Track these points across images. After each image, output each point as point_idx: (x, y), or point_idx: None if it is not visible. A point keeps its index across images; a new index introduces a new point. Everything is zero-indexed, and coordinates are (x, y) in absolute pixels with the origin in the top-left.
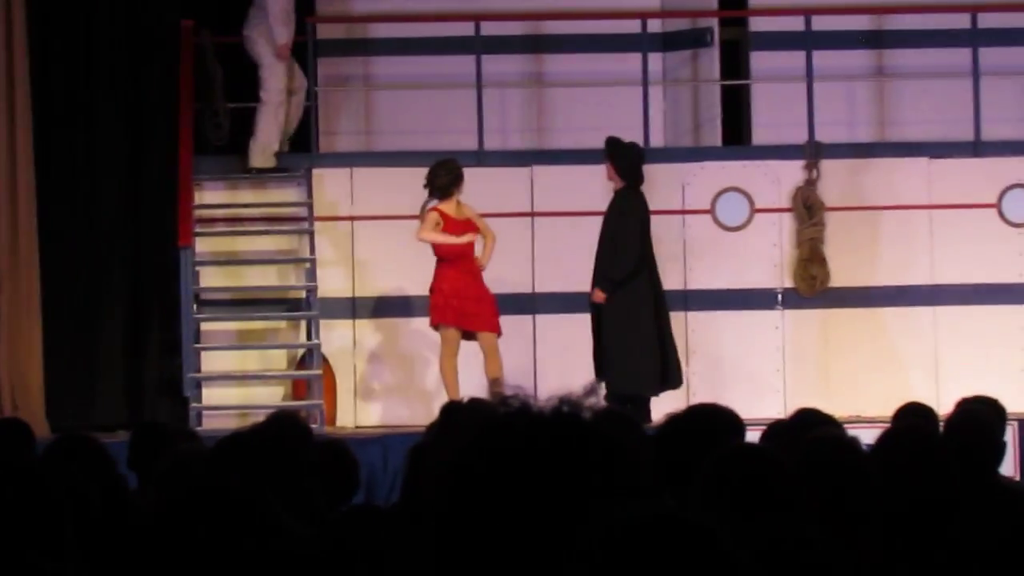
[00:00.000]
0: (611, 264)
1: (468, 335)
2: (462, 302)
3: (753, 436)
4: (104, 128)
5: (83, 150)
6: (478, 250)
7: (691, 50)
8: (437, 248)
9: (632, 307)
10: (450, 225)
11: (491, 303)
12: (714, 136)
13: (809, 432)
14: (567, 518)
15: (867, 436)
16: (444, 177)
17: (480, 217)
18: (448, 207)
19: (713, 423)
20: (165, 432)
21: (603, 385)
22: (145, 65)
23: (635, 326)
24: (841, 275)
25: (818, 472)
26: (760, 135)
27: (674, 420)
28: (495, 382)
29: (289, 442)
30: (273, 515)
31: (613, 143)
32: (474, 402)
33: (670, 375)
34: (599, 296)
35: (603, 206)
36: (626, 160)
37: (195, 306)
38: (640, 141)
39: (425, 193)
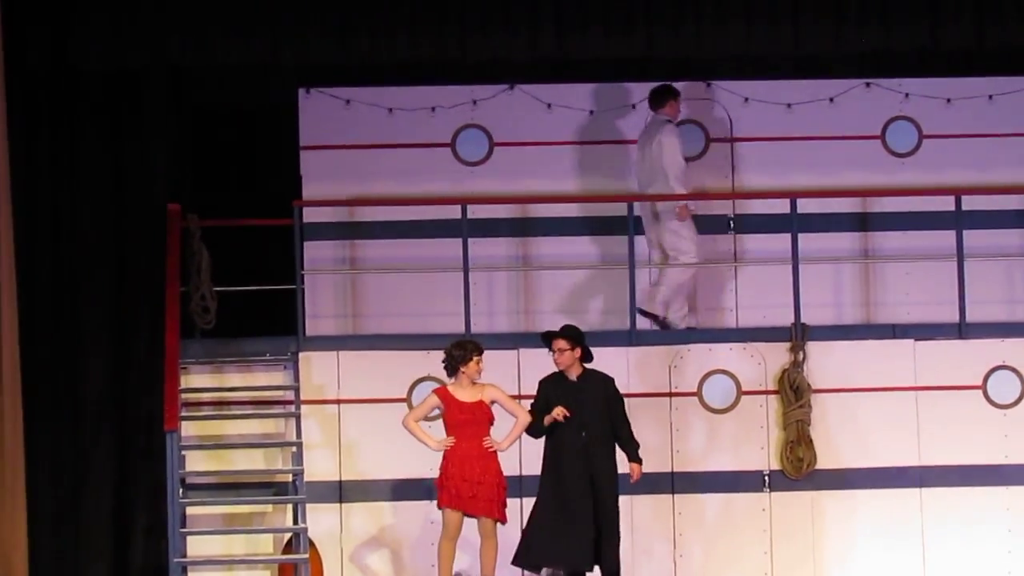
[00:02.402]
0: (633, 439)
1: (474, 517)
2: (458, 484)
3: None
4: (89, 310)
5: (68, 333)
6: (502, 432)
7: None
8: (444, 426)
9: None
10: (452, 408)
11: (493, 487)
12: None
13: None
14: None
15: None
16: (452, 356)
17: (509, 398)
18: (456, 388)
19: None
20: None
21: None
22: (131, 249)
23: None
24: (828, 457)
25: None
26: (746, 317)
27: None
28: (484, 570)
29: None
30: None
31: (575, 328)
32: None
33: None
34: (639, 471)
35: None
36: (584, 340)
37: (181, 490)
38: (627, 323)
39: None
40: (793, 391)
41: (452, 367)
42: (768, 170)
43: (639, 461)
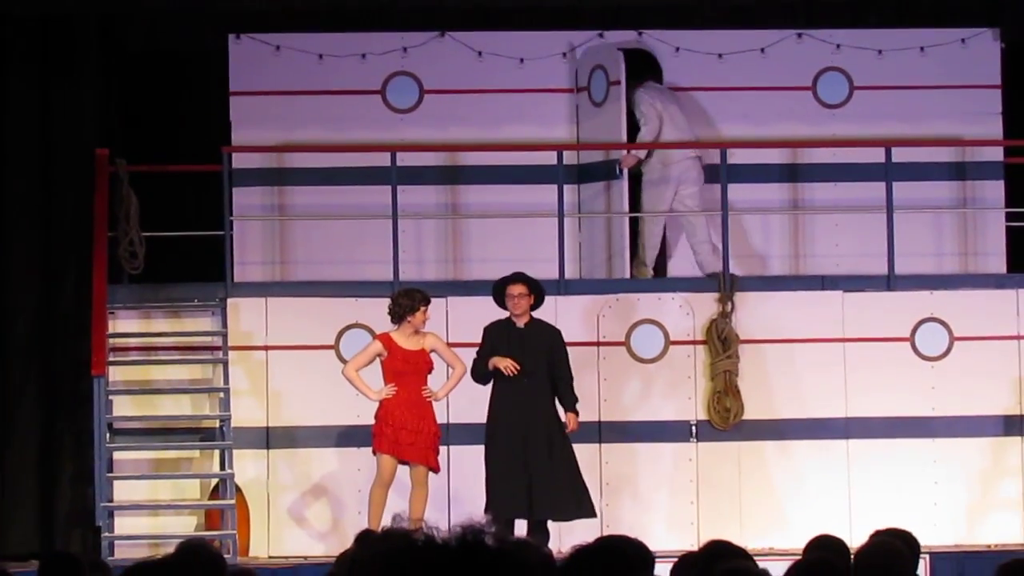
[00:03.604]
0: (572, 391)
1: (407, 464)
2: (396, 431)
3: (665, 568)
4: (17, 255)
5: None
6: (437, 383)
7: (604, 182)
8: (383, 372)
9: (565, 431)
10: (395, 355)
11: (430, 435)
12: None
13: (719, 564)
14: None
15: (779, 569)
16: (399, 304)
17: (448, 348)
18: (400, 335)
19: (621, 555)
20: (76, 563)
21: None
22: (59, 192)
23: (570, 452)
24: (755, 407)
25: None
26: (675, 267)
27: (582, 551)
28: (413, 516)
29: (201, 572)
30: None
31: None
32: (388, 531)
33: (588, 502)
34: (576, 422)
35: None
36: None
37: (108, 435)
38: (555, 273)
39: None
40: (721, 342)
41: (398, 315)
42: (698, 120)
43: (576, 412)
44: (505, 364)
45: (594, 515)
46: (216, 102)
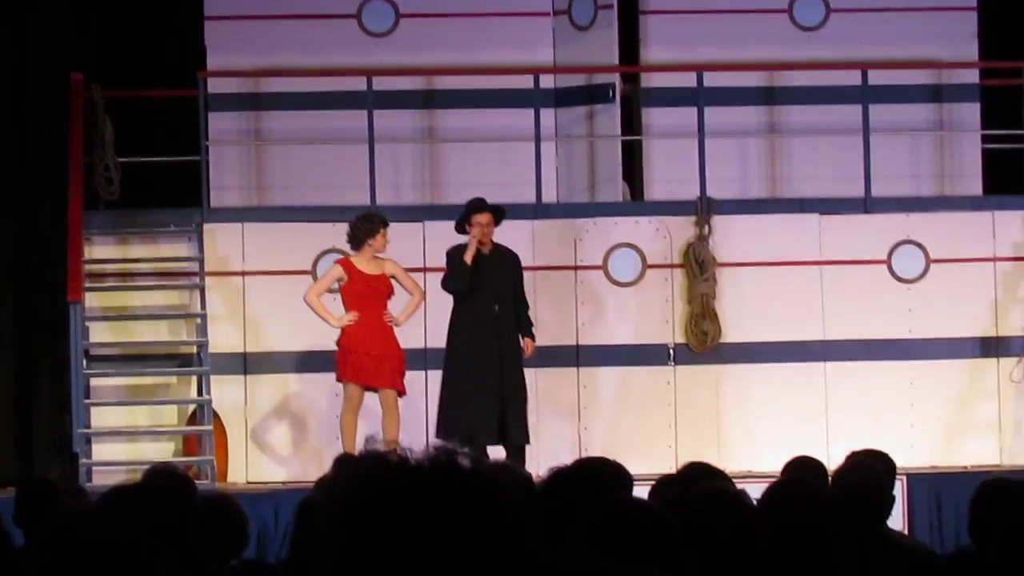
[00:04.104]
0: (528, 317)
1: (374, 390)
2: (360, 357)
3: (643, 491)
4: None
5: None
6: (398, 307)
7: (587, 106)
8: (342, 298)
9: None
10: (356, 280)
11: (394, 359)
12: (615, 192)
13: (697, 486)
14: (452, 564)
15: (757, 491)
16: (359, 228)
17: (407, 274)
18: (360, 260)
19: (599, 477)
20: (52, 489)
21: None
22: (34, 119)
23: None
24: (732, 331)
25: (704, 525)
26: (652, 191)
27: (560, 473)
28: (388, 440)
29: (172, 496)
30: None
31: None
32: (367, 454)
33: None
34: (534, 347)
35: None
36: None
37: (85, 362)
38: (533, 197)
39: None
40: (698, 265)
41: (358, 240)
42: (675, 43)
43: (533, 337)
44: (474, 235)
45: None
46: (191, 26)
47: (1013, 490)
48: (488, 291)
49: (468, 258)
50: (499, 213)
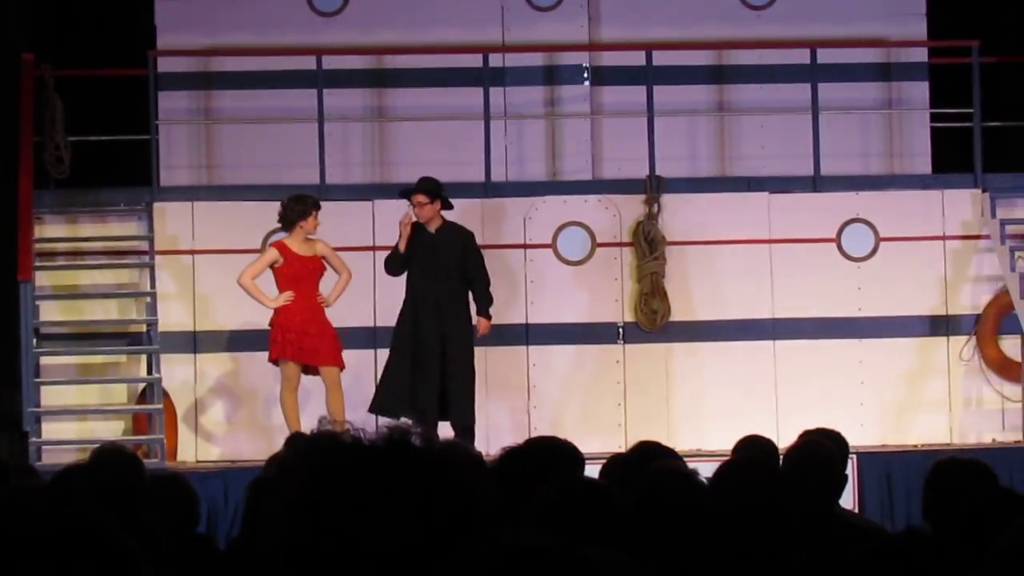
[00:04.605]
0: (487, 294)
1: (310, 369)
2: (299, 336)
3: (593, 469)
4: None
5: None
6: (327, 287)
7: (547, 86)
8: (276, 280)
9: (472, 337)
10: (291, 261)
11: (331, 337)
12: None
13: (648, 465)
14: (406, 543)
15: (707, 470)
16: (291, 210)
17: (336, 254)
18: (293, 242)
19: (551, 456)
20: (2, 468)
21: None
22: None
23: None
24: (682, 309)
25: (656, 504)
26: (602, 170)
27: (512, 453)
28: (335, 418)
29: (121, 475)
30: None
31: (433, 181)
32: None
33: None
34: (489, 326)
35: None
36: (443, 192)
37: (35, 340)
38: (482, 175)
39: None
40: (648, 243)
41: (289, 221)
42: (624, 22)
43: (488, 316)
44: (404, 218)
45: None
46: (141, 5)
47: (968, 469)
48: (430, 271)
49: (401, 244)
50: (424, 189)
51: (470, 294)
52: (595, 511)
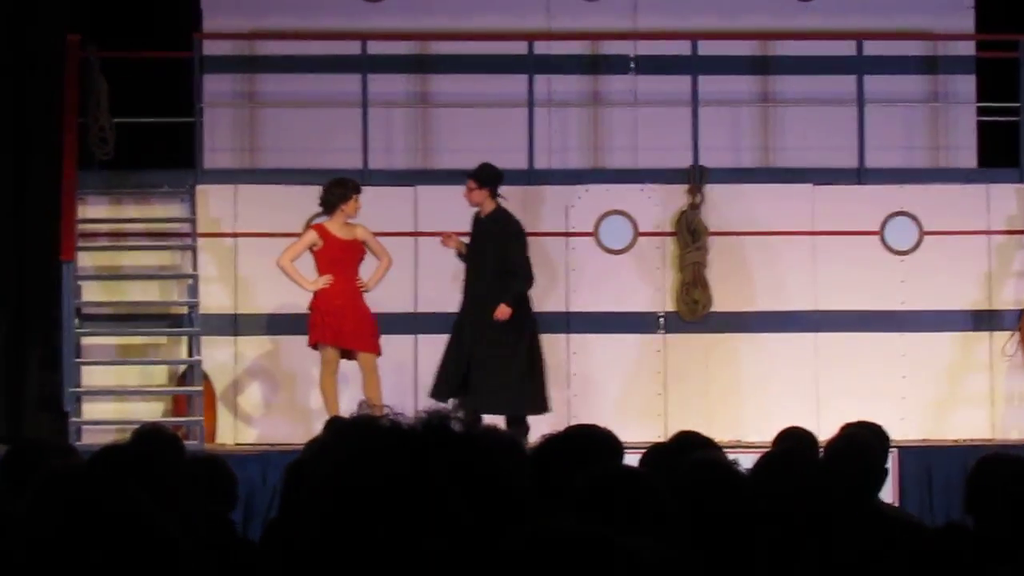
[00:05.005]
0: (512, 281)
1: (348, 354)
2: (338, 321)
3: (633, 459)
4: None
5: None
6: (367, 272)
7: (590, 75)
8: (315, 263)
9: (526, 329)
10: (331, 244)
11: (370, 323)
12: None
13: (688, 455)
14: (443, 527)
15: (747, 461)
16: (332, 194)
17: (376, 239)
18: (333, 225)
19: (590, 444)
20: (39, 451)
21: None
22: (30, 78)
23: (523, 346)
24: (723, 300)
25: (696, 494)
26: (644, 159)
27: (551, 440)
28: (373, 402)
29: (161, 455)
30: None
31: (487, 169)
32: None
33: (542, 400)
34: (506, 312)
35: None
36: (496, 181)
37: (76, 320)
38: (525, 163)
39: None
40: (690, 233)
41: (331, 204)
42: (670, 11)
43: (505, 303)
44: (444, 237)
45: (539, 411)
46: None
47: (1012, 464)
48: (475, 257)
49: (460, 249)
50: (473, 174)
51: None
52: (633, 499)
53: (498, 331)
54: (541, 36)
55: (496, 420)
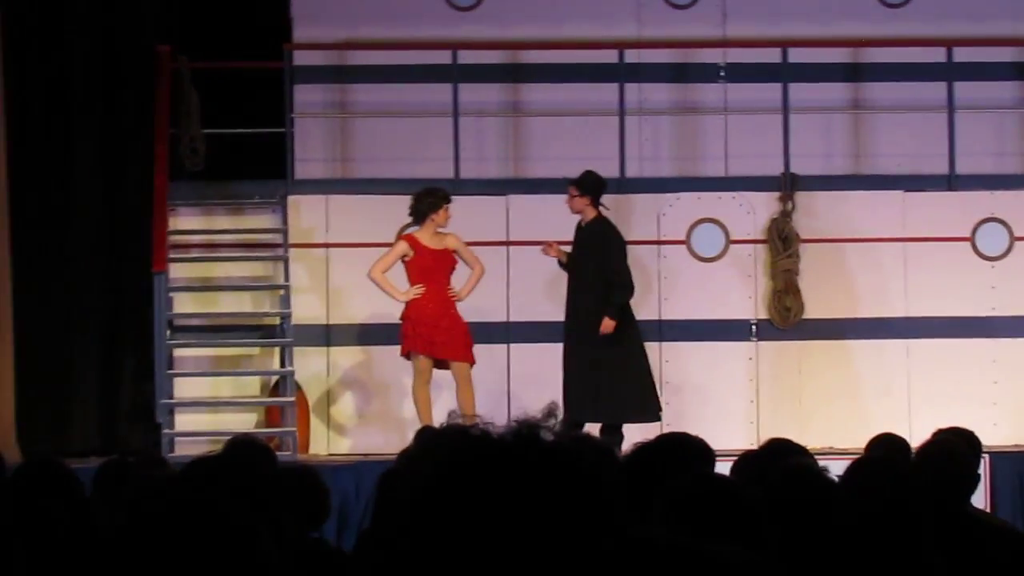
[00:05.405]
0: (613, 292)
1: (442, 364)
2: (430, 331)
3: (725, 466)
4: (80, 153)
5: (59, 174)
6: (459, 282)
7: (681, 84)
8: (407, 273)
9: (630, 336)
10: (422, 254)
11: (462, 332)
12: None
13: (779, 462)
14: (534, 537)
15: (839, 468)
16: (422, 203)
17: (468, 248)
18: (424, 235)
19: (682, 452)
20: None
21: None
22: (121, 90)
23: (633, 355)
24: (815, 307)
25: (787, 501)
26: (736, 166)
27: (643, 448)
28: (465, 412)
29: (254, 466)
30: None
31: (589, 176)
32: (450, 427)
33: (653, 405)
34: (610, 325)
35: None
36: (599, 189)
37: (168, 332)
38: (616, 171)
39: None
40: (782, 240)
41: (421, 214)
42: (760, 19)
43: (609, 315)
44: (545, 246)
45: (649, 419)
46: None
47: None
48: (574, 267)
49: (561, 258)
50: (575, 180)
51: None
52: (723, 507)
53: (605, 341)
54: (631, 44)
55: (591, 429)
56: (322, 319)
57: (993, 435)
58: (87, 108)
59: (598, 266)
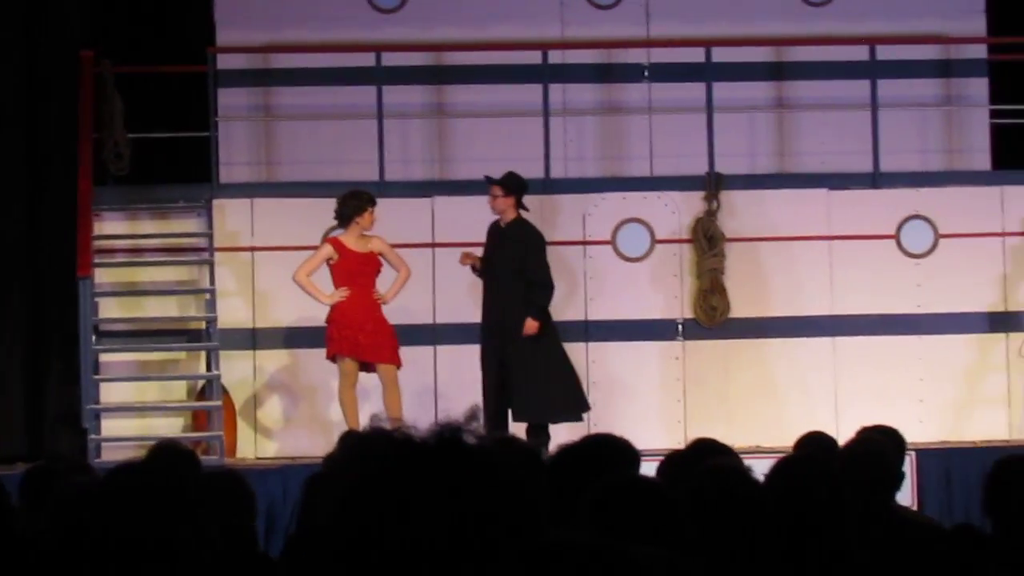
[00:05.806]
0: (536, 293)
1: (368, 367)
2: (356, 333)
3: (651, 466)
4: (3, 158)
5: None
6: (385, 285)
7: (601, 84)
8: (332, 276)
9: (550, 335)
10: (347, 257)
11: (388, 334)
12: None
13: (705, 462)
14: (456, 540)
15: (766, 467)
16: (347, 206)
17: (393, 251)
18: (349, 238)
19: (607, 453)
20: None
21: (514, 414)
22: (45, 94)
23: (554, 354)
24: (741, 306)
25: (709, 501)
26: (660, 166)
27: (568, 450)
28: (392, 415)
29: (177, 472)
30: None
31: (514, 177)
32: (373, 431)
33: (581, 402)
34: (534, 326)
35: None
36: (522, 190)
37: (94, 337)
38: (541, 172)
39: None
40: (707, 240)
41: (345, 217)
42: (683, 18)
43: (534, 317)
44: (461, 257)
45: (576, 418)
46: (200, 2)
47: None
48: (491, 266)
49: (474, 264)
50: (500, 181)
51: None
52: (645, 509)
53: (526, 341)
54: (555, 45)
55: (517, 429)
56: (248, 323)
57: (920, 432)
58: (10, 113)
59: (519, 267)
